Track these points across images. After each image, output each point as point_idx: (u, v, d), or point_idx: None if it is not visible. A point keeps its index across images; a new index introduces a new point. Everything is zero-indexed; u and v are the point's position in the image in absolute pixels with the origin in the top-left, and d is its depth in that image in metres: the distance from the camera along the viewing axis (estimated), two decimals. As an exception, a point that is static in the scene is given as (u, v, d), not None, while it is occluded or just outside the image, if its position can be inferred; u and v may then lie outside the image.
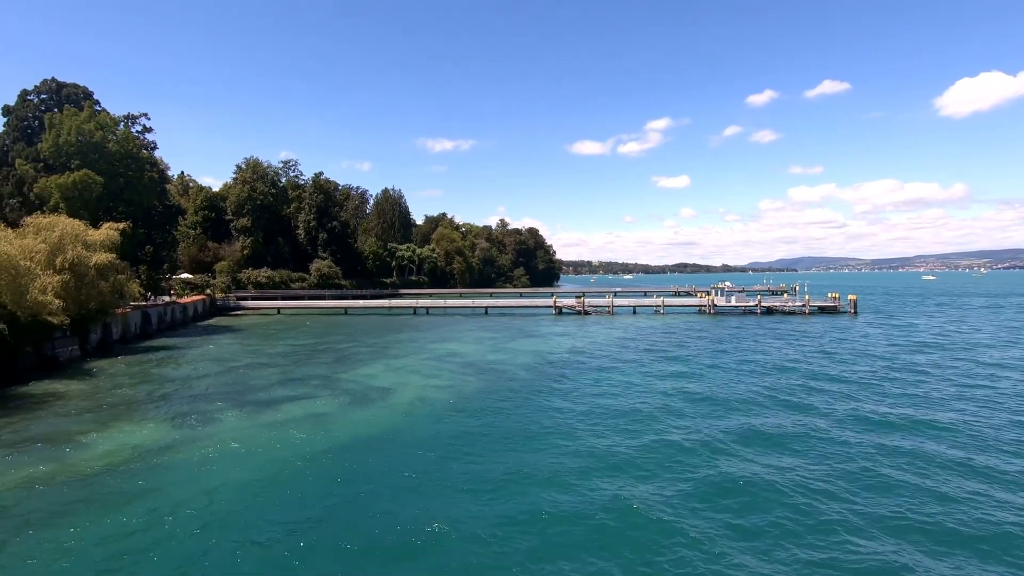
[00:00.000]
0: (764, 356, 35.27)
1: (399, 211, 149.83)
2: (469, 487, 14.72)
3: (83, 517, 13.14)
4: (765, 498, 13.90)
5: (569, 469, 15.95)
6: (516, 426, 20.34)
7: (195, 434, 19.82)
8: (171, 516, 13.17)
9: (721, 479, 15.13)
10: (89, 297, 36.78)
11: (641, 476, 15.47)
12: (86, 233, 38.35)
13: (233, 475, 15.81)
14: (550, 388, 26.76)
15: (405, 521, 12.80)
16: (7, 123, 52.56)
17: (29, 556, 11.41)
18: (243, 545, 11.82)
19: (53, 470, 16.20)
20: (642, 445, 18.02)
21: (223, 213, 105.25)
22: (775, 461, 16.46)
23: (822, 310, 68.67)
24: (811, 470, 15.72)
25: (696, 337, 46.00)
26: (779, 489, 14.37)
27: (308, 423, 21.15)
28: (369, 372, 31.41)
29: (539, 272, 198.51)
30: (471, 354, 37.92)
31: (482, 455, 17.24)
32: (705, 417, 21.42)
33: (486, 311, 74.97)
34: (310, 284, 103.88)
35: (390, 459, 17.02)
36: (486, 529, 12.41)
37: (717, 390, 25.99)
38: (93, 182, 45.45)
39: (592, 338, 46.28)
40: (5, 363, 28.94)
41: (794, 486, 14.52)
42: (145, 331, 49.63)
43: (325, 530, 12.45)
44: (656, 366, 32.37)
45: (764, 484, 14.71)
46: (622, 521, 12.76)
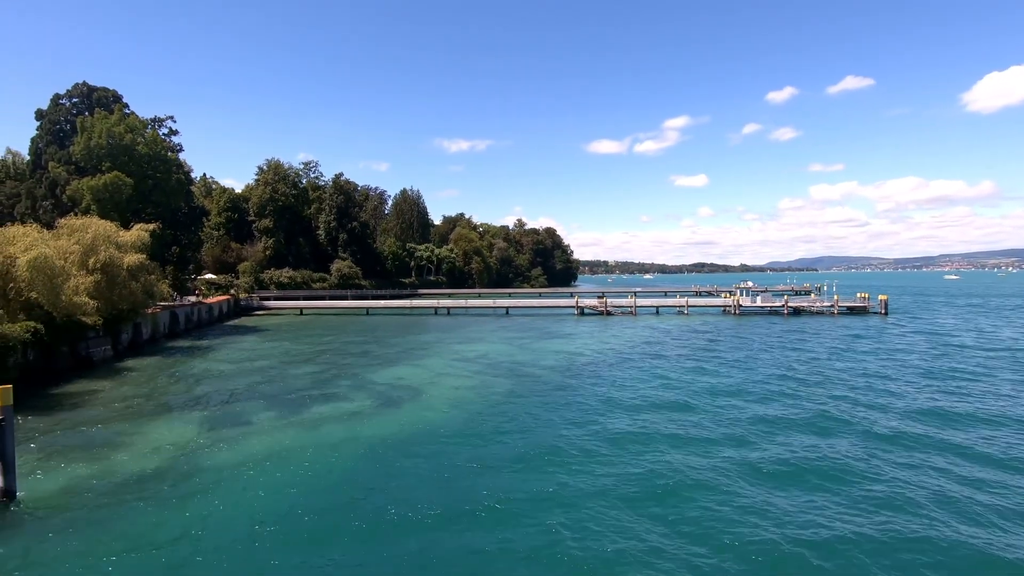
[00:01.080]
0: (809, 363, 33.41)
1: (418, 211, 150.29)
2: (520, 491, 14.39)
3: (129, 519, 13.08)
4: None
5: (614, 471, 15.55)
6: (554, 432, 19.96)
7: (233, 434, 19.80)
8: (221, 517, 13.07)
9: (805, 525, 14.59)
10: (121, 297, 37.24)
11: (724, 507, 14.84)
12: (117, 234, 38.86)
13: (275, 476, 15.69)
14: (584, 390, 26.32)
15: (454, 522, 12.53)
16: (40, 127, 53.66)
17: (71, 560, 11.33)
18: (297, 546, 11.63)
19: (96, 471, 16.23)
20: (707, 464, 17.53)
21: (245, 214, 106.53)
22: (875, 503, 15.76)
23: (851, 311, 67.16)
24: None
25: (727, 339, 45.15)
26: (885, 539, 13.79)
27: (343, 424, 21.02)
28: (398, 373, 31.28)
29: (557, 272, 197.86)
30: (498, 355, 37.64)
31: (527, 456, 16.90)
32: (768, 431, 20.81)
33: (507, 311, 74.70)
34: (331, 284, 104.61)
35: (431, 461, 16.75)
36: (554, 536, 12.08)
37: (769, 397, 25.31)
38: (123, 184, 46.11)
39: (618, 339, 45.71)
40: (43, 363, 29.36)
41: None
42: (173, 331, 50.26)
43: (378, 531, 12.22)
44: (691, 369, 31.73)
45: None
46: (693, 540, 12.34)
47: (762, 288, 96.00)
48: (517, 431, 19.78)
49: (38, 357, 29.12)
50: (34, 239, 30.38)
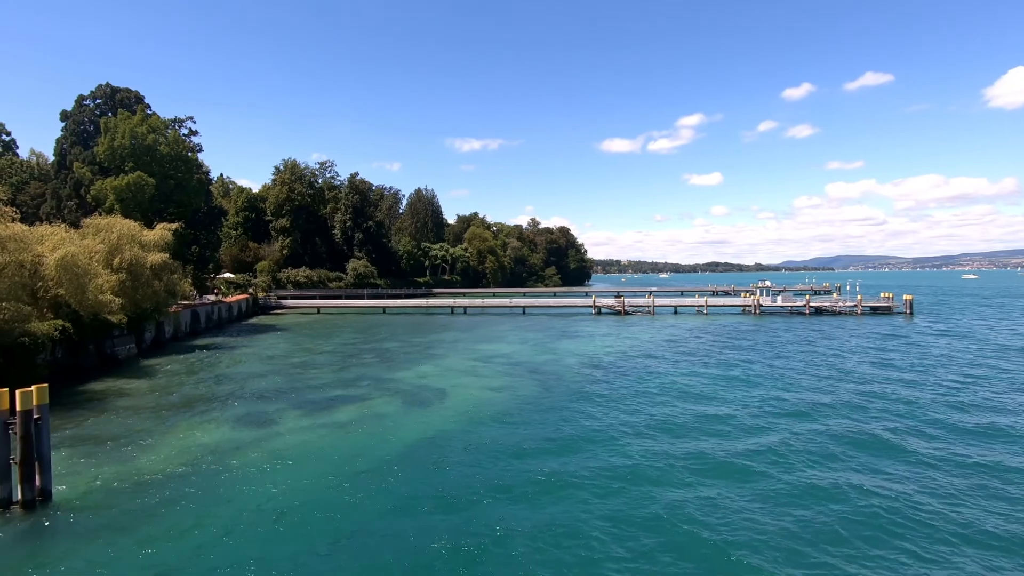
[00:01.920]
0: (839, 364, 32.36)
1: (432, 211, 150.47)
2: (557, 488, 14.04)
3: (162, 521, 12.93)
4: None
5: (662, 473, 15.13)
6: (586, 431, 19.57)
7: (260, 434, 19.69)
8: (254, 519, 12.87)
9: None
10: (144, 296, 37.49)
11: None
12: (141, 234, 39.13)
13: (304, 477, 15.49)
14: (614, 391, 25.88)
15: (499, 525, 12.21)
16: (65, 127, 54.34)
17: (107, 563, 11.19)
18: (331, 546, 11.40)
19: (127, 471, 16.17)
20: (738, 451, 17.05)
21: (263, 214, 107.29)
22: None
23: (875, 311, 65.86)
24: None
25: (752, 339, 44.38)
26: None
27: (369, 424, 20.82)
28: (420, 373, 31.08)
29: (570, 271, 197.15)
30: (518, 355, 37.31)
31: (561, 456, 16.53)
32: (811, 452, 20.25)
33: (524, 311, 74.36)
34: (347, 283, 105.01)
35: (462, 461, 16.47)
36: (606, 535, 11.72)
37: (803, 399, 24.72)
38: (146, 184, 46.49)
39: (639, 339, 45.15)
40: (70, 361, 29.60)
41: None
42: (194, 329, 50.62)
43: (415, 531, 11.94)
44: (718, 369, 31.15)
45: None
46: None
47: (780, 288, 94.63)
48: (548, 432, 19.42)
49: (66, 355, 29.35)
50: (61, 238, 30.63)
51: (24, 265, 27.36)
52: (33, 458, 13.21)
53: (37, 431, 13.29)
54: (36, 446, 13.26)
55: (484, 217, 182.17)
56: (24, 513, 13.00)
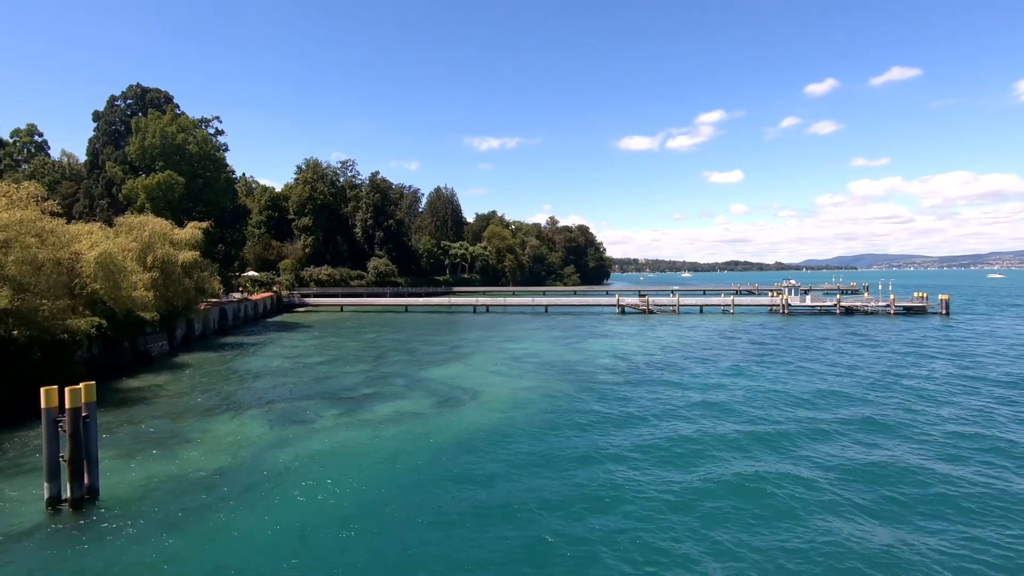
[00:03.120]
0: (888, 368, 31.49)
1: (451, 209, 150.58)
2: (601, 498, 13.59)
3: (206, 520, 12.76)
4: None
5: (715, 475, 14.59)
6: (631, 437, 19.06)
7: (298, 433, 19.55)
8: (297, 519, 12.65)
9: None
10: (176, 294, 37.83)
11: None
12: (172, 232, 39.52)
13: (346, 478, 15.25)
14: (651, 391, 25.30)
15: (545, 532, 11.80)
16: (97, 128, 55.27)
17: (156, 564, 11.02)
18: (378, 550, 11.11)
19: (168, 469, 16.09)
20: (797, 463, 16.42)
21: (285, 213, 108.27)
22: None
23: (908, 311, 64.03)
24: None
25: (785, 339, 43.32)
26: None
27: (407, 424, 20.56)
28: (450, 372, 30.81)
29: (589, 270, 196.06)
30: (547, 354, 36.87)
31: (600, 460, 16.06)
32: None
33: (546, 309, 73.88)
34: (368, 282, 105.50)
35: (503, 464, 16.09)
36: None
37: (857, 406, 23.92)
38: (175, 183, 46.99)
39: (668, 339, 44.38)
40: (106, 358, 29.90)
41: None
42: (222, 327, 51.08)
43: (459, 539, 11.60)
44: (752, 368, 30.35)
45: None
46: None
47: (806, 287, 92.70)
48: (587, 434, 18.96)
49: (102, 352, 29.64)
50: (98, 236, 30.95)
51: (61, 262, 27.66)
52: (82, 456, 13.15)
53: (85, 429, 13.23)
54: (84, 444, 13.19)
55: (503, 216, 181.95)
56: (73, 511, 12.94)
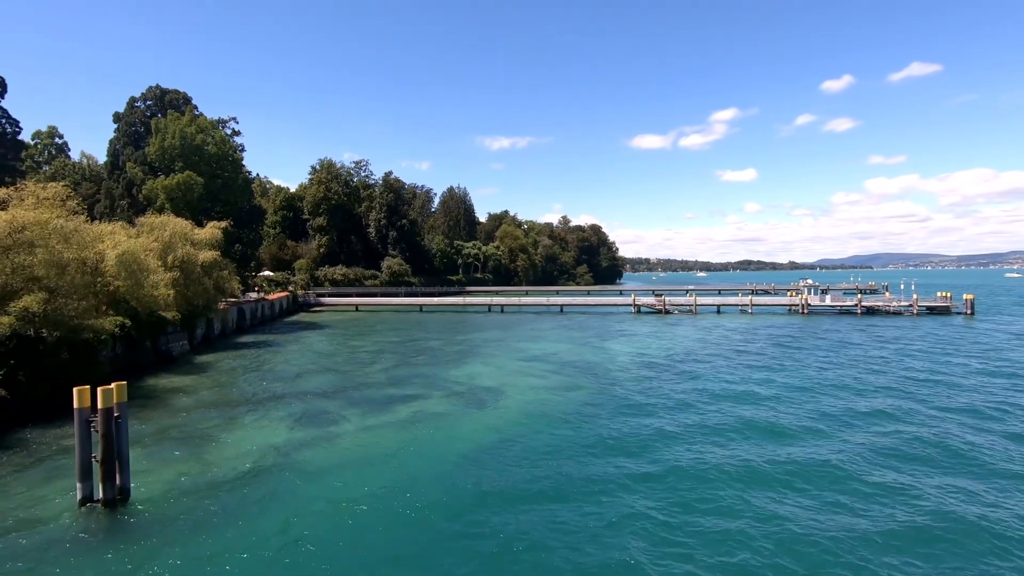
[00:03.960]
0: (936, 374, 30.74)
1: (464, 209, 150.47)
2: (639, 501, 13.26)
3: (236, 522, 12.63)
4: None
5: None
6: (658, 438, 18.69)
7: (323, 434, 19.42)
8: (328, 521, 12.47)
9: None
10: (196, 293, 38.02)
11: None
12: (193, 232, 39.75)
13: (373, 480, 15.06)
14: (677, 394, 24.87)
15: (595, 532, 11.50)
16: (117, 129, 55.79)
17: (190, 567, 10.88)
18: (406, 556, 10.89)
19: (196, 470, 16.01)
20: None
21: (300, 213, 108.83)
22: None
23: (931, 311, 62.80)
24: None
25: (809, 339, 42.57)
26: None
27: (433, 425, 20.36)
28: (471, 372, 30.59)
29: (602, 270, 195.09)
30: (566, 354, 36.52)
31: (635, 464, 15.72)
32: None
33: (561, 309, 73.48)
34: (382, 281, 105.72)
35: (532, 467, 15.80)
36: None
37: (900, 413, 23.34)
38: (195, 183, 47.27)
39: (688, 339, 43.83)
40: (128, 357, 30.06)
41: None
42: (240, 326, 51.33)
43: (491, 544, 11.34)
44: (781, 369, 29.80)
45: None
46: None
47: (823, 286, 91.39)
48: (615, 435, 18.61)
49: (125, 352, 29.81)
50: (121, 236, 31.14)
51: (86, 262, 27.83)
52: (114, 456, 13.08)
53: (117, 429, 13.16)
54: (116, 444, 13.12)
55: (515, 215, 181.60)
56: (106, 512, 12.88)
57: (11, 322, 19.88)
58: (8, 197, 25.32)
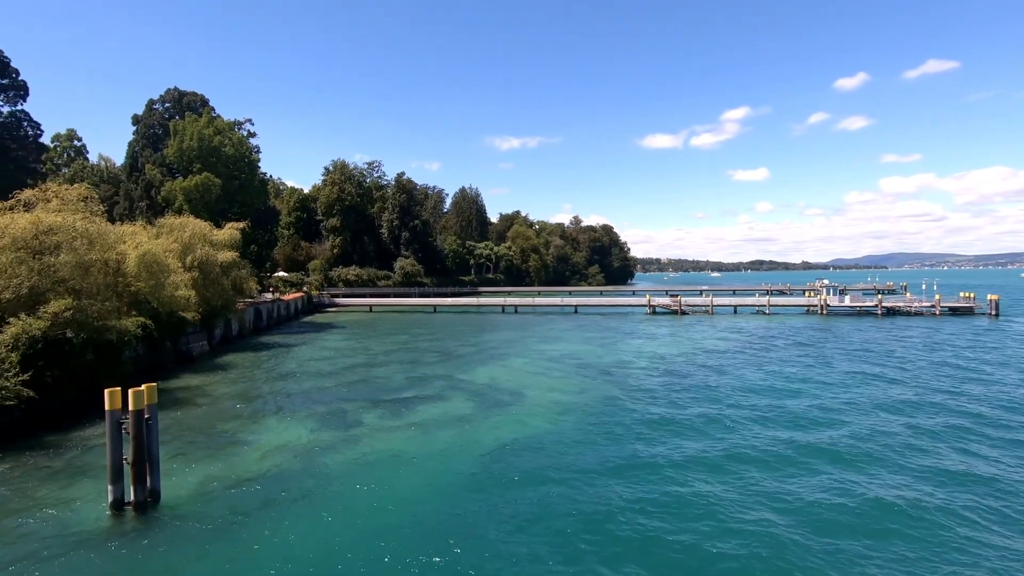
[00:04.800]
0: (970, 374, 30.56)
1: (476, 209, 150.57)
2: (669, 505, 12.97)
3: (265, 524, 12.51)
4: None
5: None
6: (690, 440, 18.36)
7: (345, 436, 19.31)
8: (355, 526, 12.31)
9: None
10: (215, 294, 38.21)
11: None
12: (211, 233, 39.95)
13: (399, 483, 14.91)
14: (701, 395, 24.50)
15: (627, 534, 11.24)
16: (136, 131, 56.33)
17: (225, 568, 10.76)
18: (444, 553, 10.68)
19: (223, 472, 15.95)
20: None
21: (314, 214, 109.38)
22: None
23: (954, 311, 61.64)
24: None
25: (831, 341, 41.87)
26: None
27: (452, 427, 20.18)
28: (490, 373, 30.39)
29: (614, 270, 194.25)
30: (585, 355, 36.21)
31: (663, 464, 15.41)
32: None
33: (575, 310, 73.11)
34: (394, 282, 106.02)
35: (556, 469, 15.54)
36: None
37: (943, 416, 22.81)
38: (212, 184, 47.56)
39: (706, 340, 43.30)
40: (150, 358, 30.21)
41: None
42: (257, 327, 51.54)
43: (522, 550, 11.11)
44: (807, 370, 29.28)
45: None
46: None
47: (839, 286, 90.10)
48: (643, 436, 18.30)
49: (146, 352, 29.95)
50: (142, 237, 31.32)
51: (108, 263, 28.00)
52: (144, 458, 13.02)
53: (148, 431, 13.09)
54: (147, 446, 13.05)
55: (527, 216, 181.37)
56: (137, 515, 12.82)
57: (42, 325, 19.98)
58: (34, 199, 25.51)
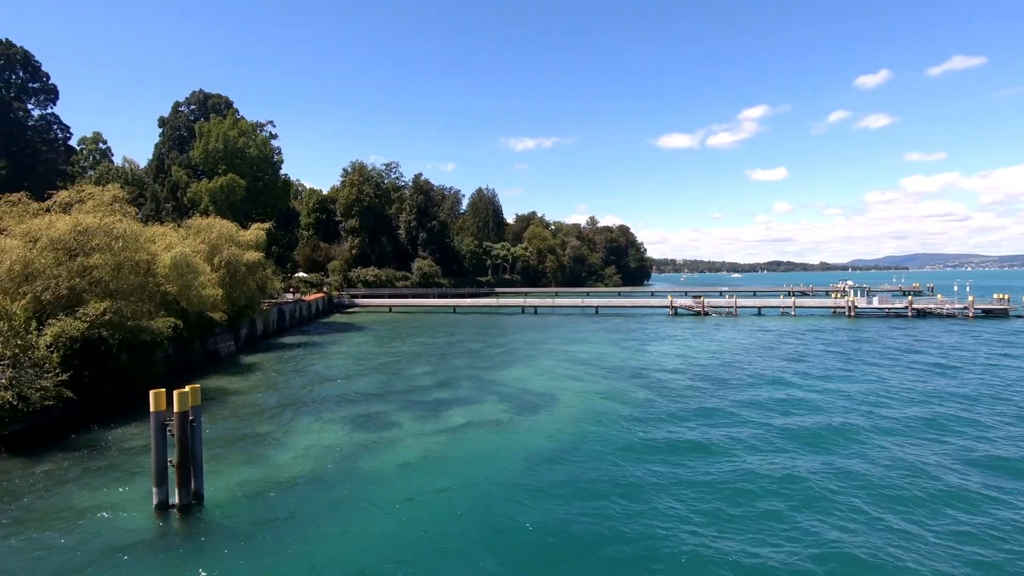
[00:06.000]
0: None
1: (493, 210, 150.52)
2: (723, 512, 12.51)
3: (309, 528, 12.29)
4: None
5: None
6: (732, 446, 17.84)
7: (379, 438, 19.08)
8: (399, 532, 12.05)
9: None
10: (240, 294, 38.35)
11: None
12: (238, 234, 40.14)
13: (440, 488, 14.61)
14: (740, 400, 23.90)
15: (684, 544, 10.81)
16: (162, 134, 57.04)
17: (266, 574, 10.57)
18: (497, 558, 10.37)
19: (261, 474, 15.79)
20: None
21: (332, 215, 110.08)
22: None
23: (988, 313, 59.96)
24: None
25: (866, 343, 40.88)
26: None
27: (490, 431, 19.86)
28: (519, 375, 30.05)
29: (630, 271, 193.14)
30: (612, 358, 35.72)
31: (732, 471, 14.94)
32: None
33: (596, 311, 72.53)
34: (412, 282, 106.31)
35: (599, 476, 15.14)
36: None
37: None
38: (237, 185, 47.90)
39: (736, 342, 42.52)
40: (180, 358, 30.36)
41: None
42: (280, 327, 51.80)
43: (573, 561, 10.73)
44: (848, 372, 28.51)
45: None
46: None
47: (863, 287, 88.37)
48: (689, 446, 17.82)
49: (176, 352, 30.09)
50: (173, 238, 31.52)
51: (139, 264, 28.18)
52: (189, 460, 12.88)
53: (192, 432, 12.95)
54: (191, 448, 12.91)
55: (543, 216, 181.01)
56: (182, 517, 12.67)
57: (81, 327, 20.08)
58: (70, 200, 25.74)
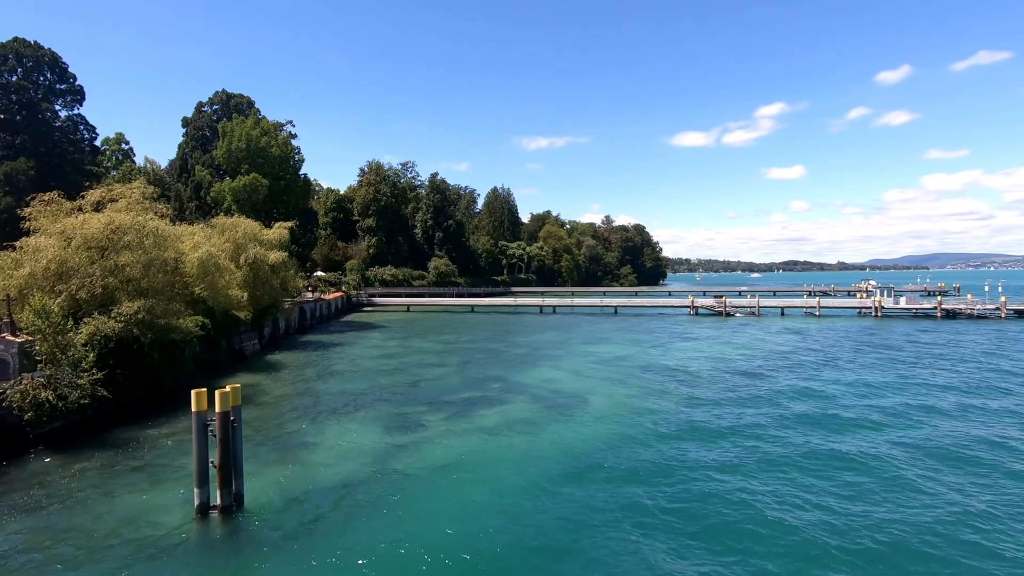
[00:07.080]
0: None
1: (508, 210, 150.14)
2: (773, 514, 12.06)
3: (348, 530, 12.11)
4: None
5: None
6: (776, 449, 17.33)
7: (412, 439, 18.88)
8: (437, 535, 11.79)
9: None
10: (264, 293, 38.49)
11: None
12: (262, 233, 40.30)
13: (477, 490, 14.39)
14: (771, 401, 23.34)
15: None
16: (186, 134, 57.54)
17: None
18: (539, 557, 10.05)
19: (298, 475, 15.65)
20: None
21: (350, 214, 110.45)
22: None
23: (1020, 314, 58.35)
24: None
25: (900, 345, 39.93)
26: None
27: (519, 432, 19.57)
28: (545, 376, 29.72)
29: (646, 270, 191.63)
30: (637, 358, 35.24)
31: (775, 472, 14.48)
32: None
33: (615, 310, 71.91)
34: (429, 282, 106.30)
35: (638, 476, 14.75)
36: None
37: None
38: (260, 185, 48.11)
39: (760, 342, 41.77)
40: (207, 356, 30.46)
41: None
42: (301, 325, 52.01)
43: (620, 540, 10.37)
44: (910, 381, 27.76)
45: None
46: None
47: (885, 287, 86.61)
48: (728, 445, 17.35)
49: (204, 351, 30.20)
50: (200, 237, 31.64)
51: (167, 262, 28.30)
52: (230, 461, 12.73)
53: (233, 433, 12.81)
54: (232, 449, 12.77)
55: (558, 215, 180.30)
56: (224, 519, 12.53)
57: (115, 326, 20.13)
58: (102, 199, 25.91)
